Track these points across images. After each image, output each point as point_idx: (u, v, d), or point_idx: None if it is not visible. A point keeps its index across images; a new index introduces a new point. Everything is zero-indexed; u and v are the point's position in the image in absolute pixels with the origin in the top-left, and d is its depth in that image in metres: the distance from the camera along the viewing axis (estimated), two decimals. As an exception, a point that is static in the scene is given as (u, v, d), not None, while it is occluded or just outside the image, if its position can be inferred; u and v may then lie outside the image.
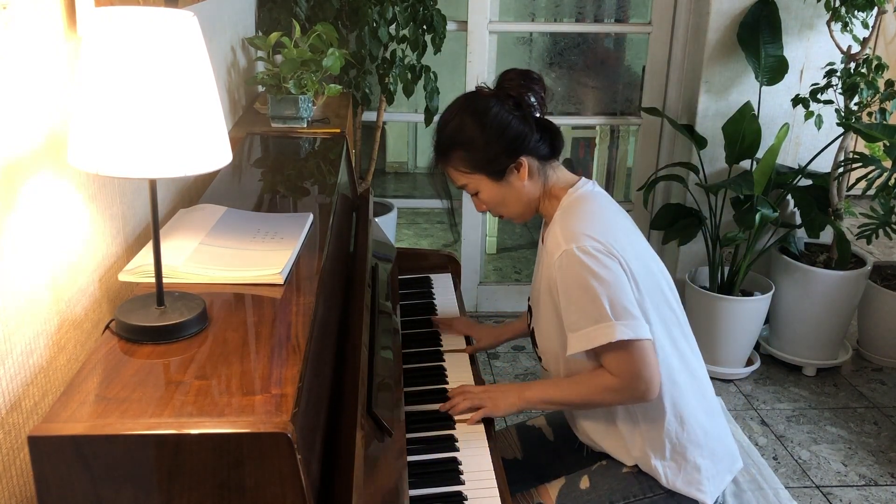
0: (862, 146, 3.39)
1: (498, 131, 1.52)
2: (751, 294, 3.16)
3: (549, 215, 1.61)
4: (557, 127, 1.60)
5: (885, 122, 2.87)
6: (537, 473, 1.77)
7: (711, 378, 1.69)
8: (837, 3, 2.87)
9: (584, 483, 1.61)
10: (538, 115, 1.56)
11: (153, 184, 1.09)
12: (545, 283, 1.56)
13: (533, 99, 1.54)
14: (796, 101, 3.00)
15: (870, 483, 2.61)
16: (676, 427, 1.55)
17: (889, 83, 2.86)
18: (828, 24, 2.94)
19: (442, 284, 2.17)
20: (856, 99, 2.88)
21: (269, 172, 1.93)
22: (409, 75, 3.09)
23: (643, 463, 1.58)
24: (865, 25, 2.90)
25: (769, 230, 3.23)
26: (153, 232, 1.11)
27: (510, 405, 1.58)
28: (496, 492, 1.41)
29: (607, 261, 1.45)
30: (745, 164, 3.17)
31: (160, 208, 1.30)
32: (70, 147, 1.03)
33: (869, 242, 3.05)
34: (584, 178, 1.61)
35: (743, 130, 3.06)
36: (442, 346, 1.88)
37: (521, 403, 1.58)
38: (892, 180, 2.89)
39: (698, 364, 1.63)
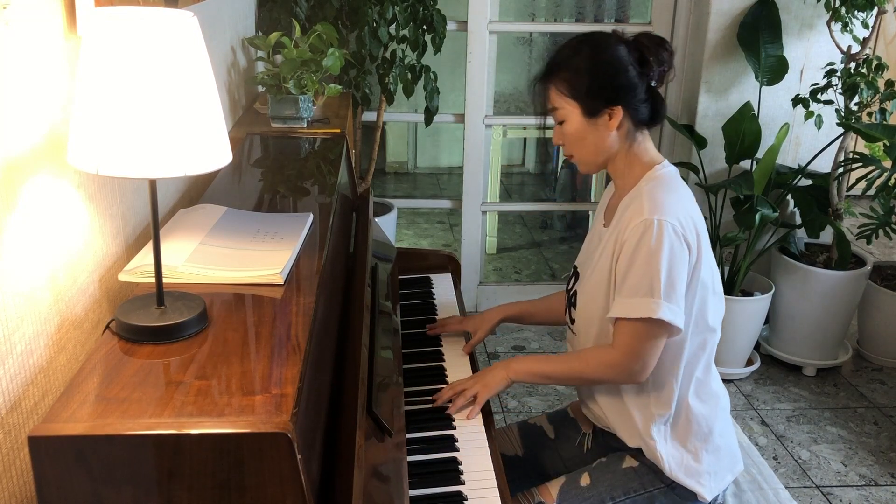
0: (862, 146, 3.39)
1: (611, 70, 1.52)
2: (751, 294, 3.16)
3: (625, 182, 1.60)
4: (664, 102, 1.60)
5: (885, 122, 2.87)
6: (538, 471, 1.77)
7: (711, 378, 1.70)
8: (837, 3, 2.87)
9: (585, 480, 1.61)
10: (654, 83, 1.56)
11: (153, 184, 1.09)
12: (610, 249, 1.54)
13: (657, 66, 1.54)
14: (796, 101, 3.00)
15: (870, 483, 2.61)
16: (684, 416, 1.58)
17: (889, 83, 2.86)
18: (828, 24, 2.94)
19: (442, 284, 2.17)
20: (856, 99, 2.88)
21: (269, 172, 1.93)
22: (409, 75, 3.09)
23: (647, 448, 1.58)
24: (865, 25, 2.90)
25: (769, 230, 3.23)
26: (153, 232, 1.11)
27: (500, 380, 1.61)
28: (496, 492, 1.41)
29: (679, 244, 1.46)
30: (745, 164, 3.17)
31: (160, 208, 1.30)
32: (70, 147, 1.03)
33: (869, 242, 3.05)
34: (666, 160, 1.61)
35: (743, 130, 3.06)
36: (442, 345, 1.88)
37: (510, 375, 1.61)
38: (892, 180, 2.89)
39: (713, 364, 1.64)
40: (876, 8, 2.80)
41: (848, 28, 2.87)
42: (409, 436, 1.51)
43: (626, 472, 1.61)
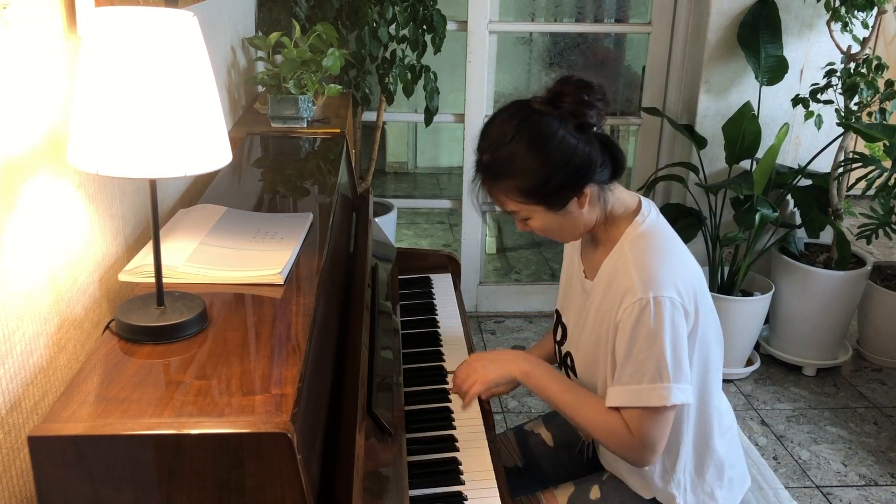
0: (862, 146, 3.39)
1: (562, 162, 1.35)
2: (751, 294, 3.16)
3: (605, 238, 1.48)
4: (617, 144, 1.42)
5: (885, 122, 2.87)
6: (540, 479, 1.75)
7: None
8: (837, 3, 2.87)
9: (595, 493, 1.58)
10: (597, 129, 1.39)
11: (153, 184, 1.09)
12: (603, 319, 1.43)
13: (594, 115, 1.37)
14: (796, 101, 3.00)
15: (870, 483, 2.61)
16: (698, 462, 1.52)
17: (889, 83, 2.86)
18: (828, 24, 2.94)
19: (442, 284, 2.17)
20: (856, 99, 2.88)
21: (269, 172, 1.93)
22: (409, 75, 3.09)
23: (663, 496, 1.53)
24: (865, 25, 2.90)
25: (769, 230, 3.23)
26: (153, 232, 1.11)
27: (502, 376, 1.55)
28: (496, 492, 1.41)
29: (679, 318, 1.35)
30: (745, 164, 3.17)
31: (160, 208, 1.30)
32: (70, 147, 1.03)
33: (869, 242, 3.05)
34: (642, 198, 1.49)
35: (743, 130, 3.06)
36: (442, 346, 1.88)
37: (519, 377, 1.54)
38: (892, 180, 2.89)
39: (722, 391, 1.58)
40: (876, 8, 2.80)
41: (848, 28, 2.87)
42: (409, 436, 1.51)
43: (638, 495, 1.56)
